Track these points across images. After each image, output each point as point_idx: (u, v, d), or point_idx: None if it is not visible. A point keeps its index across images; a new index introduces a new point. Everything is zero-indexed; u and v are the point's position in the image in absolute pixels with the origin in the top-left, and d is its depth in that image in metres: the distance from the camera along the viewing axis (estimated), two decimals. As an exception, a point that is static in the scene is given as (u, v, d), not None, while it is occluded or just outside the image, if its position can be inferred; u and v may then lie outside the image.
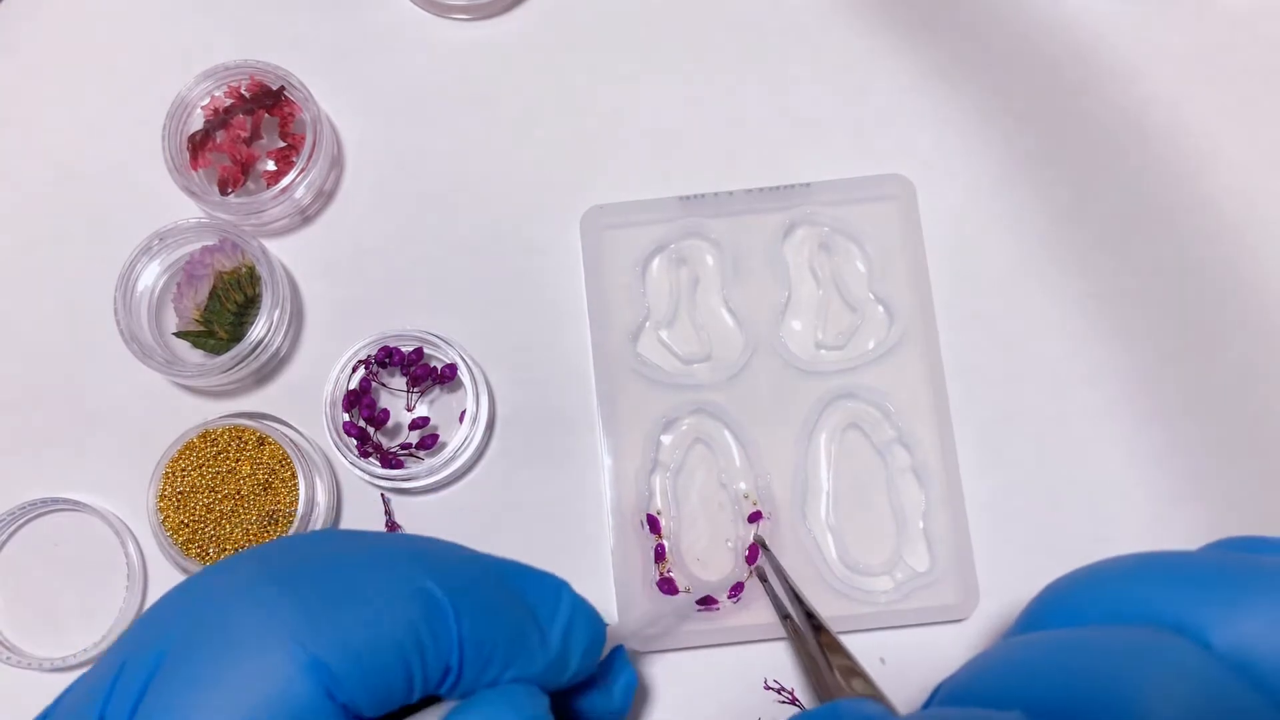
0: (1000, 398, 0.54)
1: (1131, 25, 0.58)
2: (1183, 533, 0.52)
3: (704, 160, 0.57)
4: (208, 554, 0.51)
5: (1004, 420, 0.54)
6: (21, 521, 0.54)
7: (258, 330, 0.52)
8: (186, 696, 0.26)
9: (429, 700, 0.31)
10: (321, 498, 0.52)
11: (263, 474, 0.51)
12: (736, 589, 0.51)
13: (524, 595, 0.32)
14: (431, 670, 0.28)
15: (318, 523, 0.52)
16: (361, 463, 0.52)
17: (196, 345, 0.54)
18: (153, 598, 0.53)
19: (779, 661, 0.52)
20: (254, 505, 0.51)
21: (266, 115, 0.56)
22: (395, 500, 0.54)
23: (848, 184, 0.55)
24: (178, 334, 0.54)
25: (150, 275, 0.54)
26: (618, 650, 0.43)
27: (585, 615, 0.34)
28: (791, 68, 0.58)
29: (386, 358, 0.53)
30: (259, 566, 0.29)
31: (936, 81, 0.57)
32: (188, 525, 0.51)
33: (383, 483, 0.52)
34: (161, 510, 0.51)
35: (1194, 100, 0.57)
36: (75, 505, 0.53)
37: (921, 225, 0.55)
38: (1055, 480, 0.53)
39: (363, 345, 0.53)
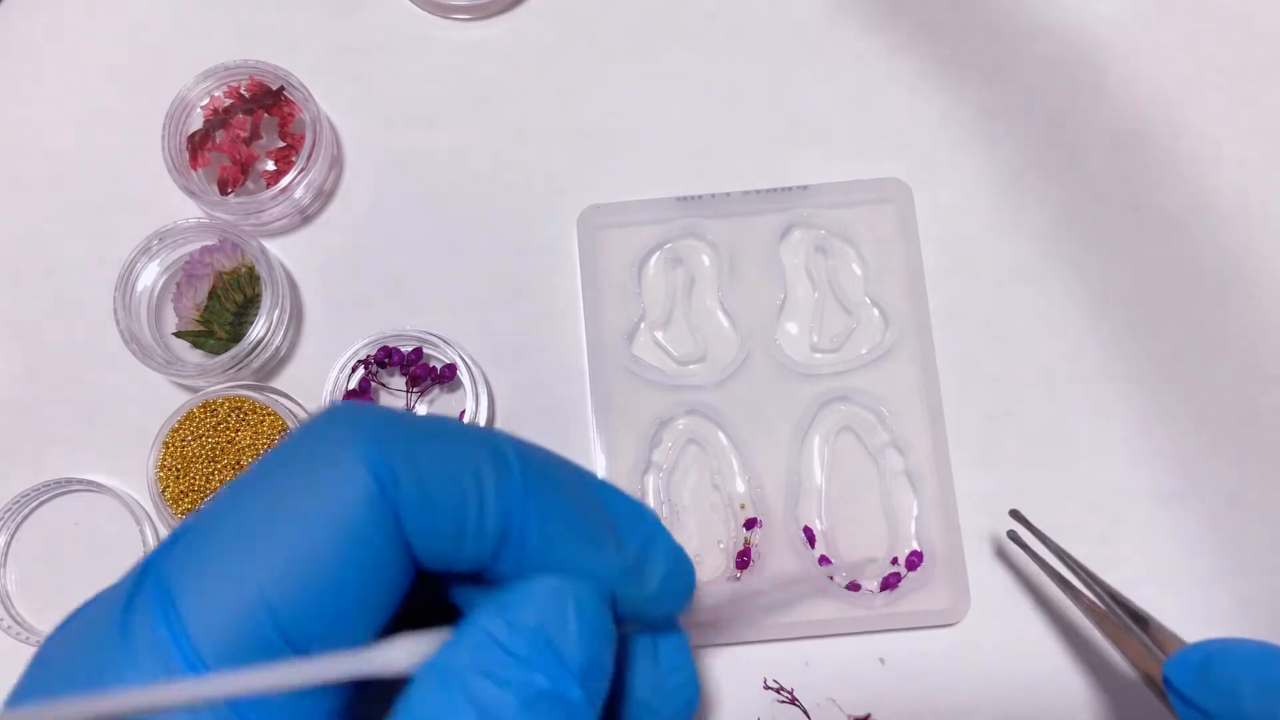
0: (996, 401, 0.54)
1: (1131, 25, 0.58)
2: (1182, 534, 0.52)
3: (701, 161, 0.57)
4: None
5: (1000, 424, 0.54)
6: (35, 504, 0.54)
7: (257, 330, 0.52)
8: (230, 503, 0.25)
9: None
10: None
11: (263, 444, 0.52)
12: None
13: (601, 498, 0.29)
14: (489, 522, 0.26)
15: None
16: (360, 462, 0.52)
17: (196, 345, 0.54)
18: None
19: (779, 661, 0.52)
20: None
21: (266, 115, 0.56)
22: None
23: (845, 187, 0.55)
24: (177, 334, 0.54)
25: (150, 275, 0.54)
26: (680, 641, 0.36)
27: (669, 540, 0.30)
28: (790, 69, 0.58)
29: (386, 358, 0.54)
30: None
31: (935, 83, 0.57)
32: (187, 495, 0.51)
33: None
34: (161, 480, 0.51)
35: (1194, 100, 0.57)
36: (93, 487, 0.54)
37: (918, 229, 0.55)
38: (1051, 484, 0.53)
39: (362, 345, 0.53)
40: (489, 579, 0.27)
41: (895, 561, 0.52)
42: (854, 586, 0.51)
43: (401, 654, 0.24)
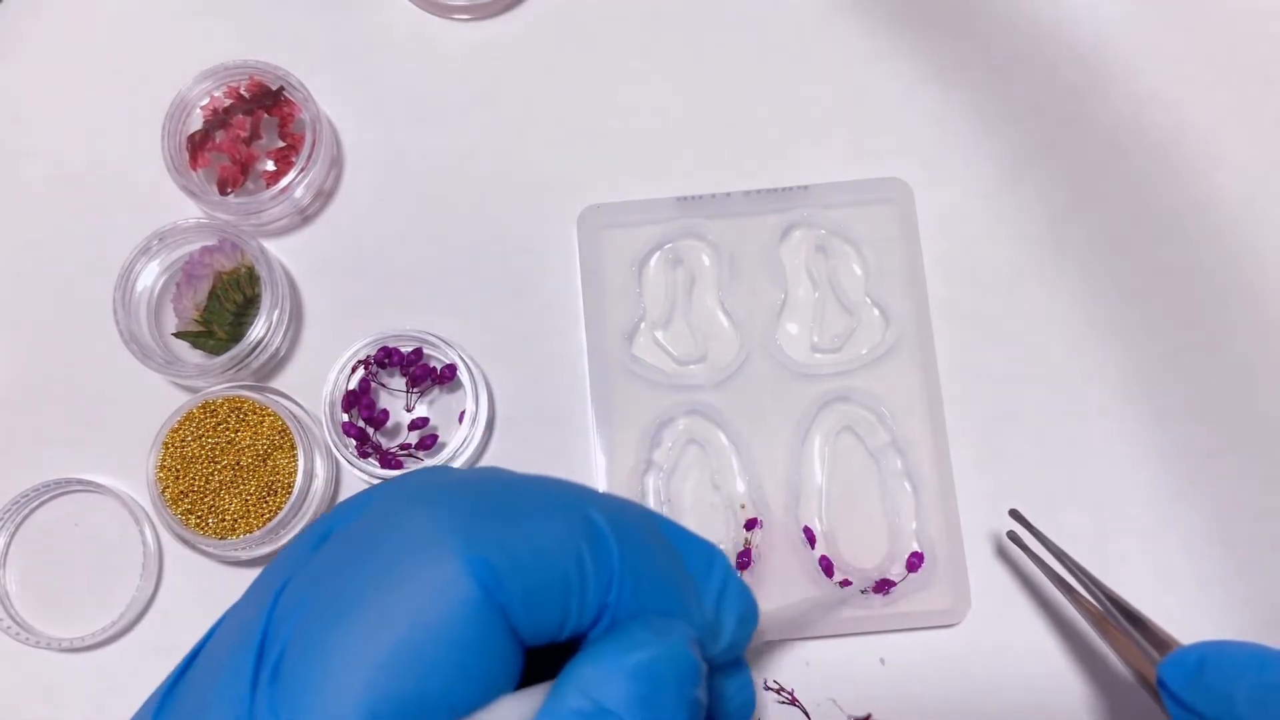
0: (997, 401, 0.54)
1: (1131, 25, 0.58)
2: (1181, 535, 0.52)
3: (702, 161, 0.57)
4: (206, 524, 0.51)
5: (1000, 424, 0.54)
6: (35, 504, 0.54)
7: (257, 330, 0.52)
8: (338, 585, 0.25)
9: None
10: (320, 470, 0.53)
11: (262, 445, 0.51)
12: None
13: (678, 551, 0.30)
14: (589, 600, 0.26)
15: (316, 496, 0.52)
16: (361, 463, 0.52)
17: (196, 345, 0.54)
18: (167, 581, 0.54)
19: (779, 662, 0.52)
20: (253, 476, 0.51)
21: (266, 115, 0.56)
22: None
23: (846, 187, 0.55)
24: (177, 334, 0.54)
25: (149, 275, 0.54)
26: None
27: (738, 584, 0.31)
28: (791, 68, 0.58)
29: (386, 358, 0.53)
30: (421, 479, 0.28)
31: (936, 83, 0.57)
32: (187, 495, 0.51)
33: (381, 483, 0.53)
34: (160, 480, 0.51)
35: (1194, 100, 0.57)
36: (93, 487, 0.54)
37: (919, 229, 0.55)
38: (1051, 484, 0.53)
39: (362, 345, 0.53)
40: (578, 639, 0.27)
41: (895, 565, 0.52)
42: (847, 584, 0.51)
43: (505, 716, 0.24)
